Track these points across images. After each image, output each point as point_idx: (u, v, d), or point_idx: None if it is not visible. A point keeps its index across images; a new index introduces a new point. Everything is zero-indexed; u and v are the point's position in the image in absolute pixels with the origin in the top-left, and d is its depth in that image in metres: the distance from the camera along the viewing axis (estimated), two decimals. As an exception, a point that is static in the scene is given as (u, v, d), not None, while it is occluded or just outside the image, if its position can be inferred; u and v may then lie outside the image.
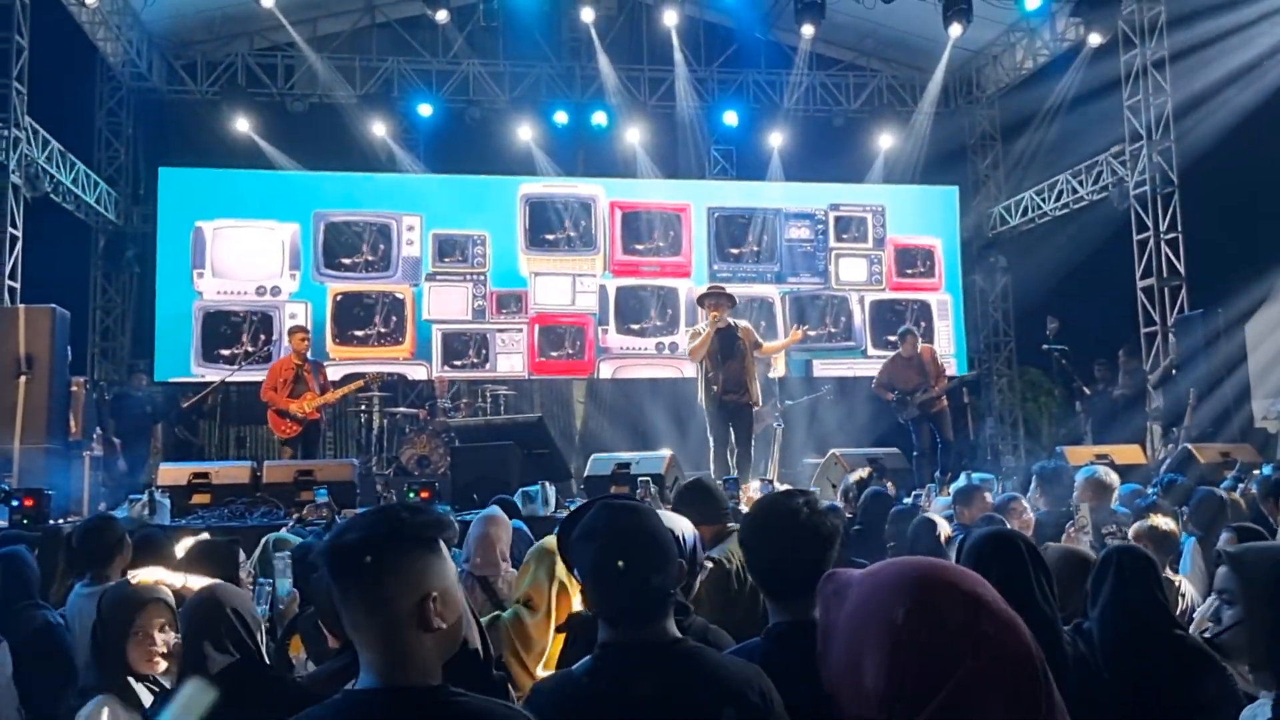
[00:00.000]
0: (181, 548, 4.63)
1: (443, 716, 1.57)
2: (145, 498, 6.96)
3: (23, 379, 8.39)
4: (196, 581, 3.16)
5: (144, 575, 3.30)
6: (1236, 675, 2.56)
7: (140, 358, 12.99)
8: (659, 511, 2.40)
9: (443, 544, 1.69)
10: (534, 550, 3.51)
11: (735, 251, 13.97)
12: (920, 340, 10.78)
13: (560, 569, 3.34)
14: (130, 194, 13.87)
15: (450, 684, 1.62)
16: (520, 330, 13.28)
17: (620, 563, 1.96)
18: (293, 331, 10.00)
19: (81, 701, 2.83)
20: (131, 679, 2.87)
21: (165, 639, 2.87)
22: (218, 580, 3.06)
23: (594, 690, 1.93)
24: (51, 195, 11.75)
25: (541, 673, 3.30)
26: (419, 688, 1.58)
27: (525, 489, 7.43)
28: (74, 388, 9.17)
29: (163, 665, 2.87)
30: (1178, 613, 3.78)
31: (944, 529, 4.60)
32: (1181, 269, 12.11)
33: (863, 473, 6.74)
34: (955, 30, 12.03)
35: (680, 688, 1.92)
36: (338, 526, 1.71)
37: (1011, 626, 1.20)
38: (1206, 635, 2.45)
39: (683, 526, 2.71)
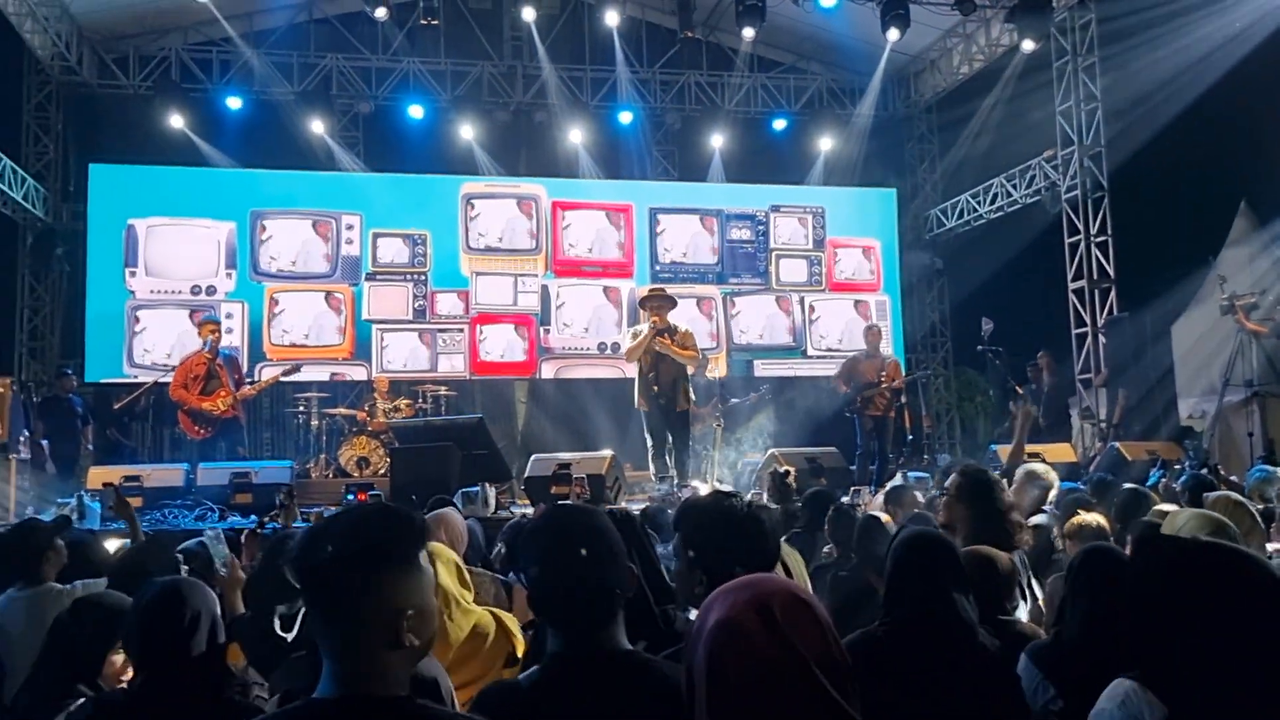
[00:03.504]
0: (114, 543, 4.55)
1: None
2: (74, 501, 6.81)
3: (-54, 380, 8.18)
4: None
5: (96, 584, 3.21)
6: None
7: (70, 358, 12.68)
8: None
9: (422, 556, 1.63)
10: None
11: (677, 251, 14.02)
12: (881, 339, 10.91)
13: (445, 577, 3.21)
14: (60, 190, 13.53)
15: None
16: (461, 330, 13.21)
17: (569, 559, 1.91)
18: (202, 324, 9.64)
19: (45, 706, 2.71)
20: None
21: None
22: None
23: (539, 703, 1.87)
24: (-24, 191, 11.44)
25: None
26: (383, 698, 1.54)
27: (465, 490, 7.40)
28: (0, 389, 8.93)
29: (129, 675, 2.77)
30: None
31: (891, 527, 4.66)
32: (1111, 271, 12.41)
33: (778, 467, 6.85)
34: (893, 35, 12.19)
35: (630, 703, 1.85)
36: (309, 535, 1.62)
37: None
38: None
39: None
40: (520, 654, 3.20)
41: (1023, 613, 3.40)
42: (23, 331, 13.22)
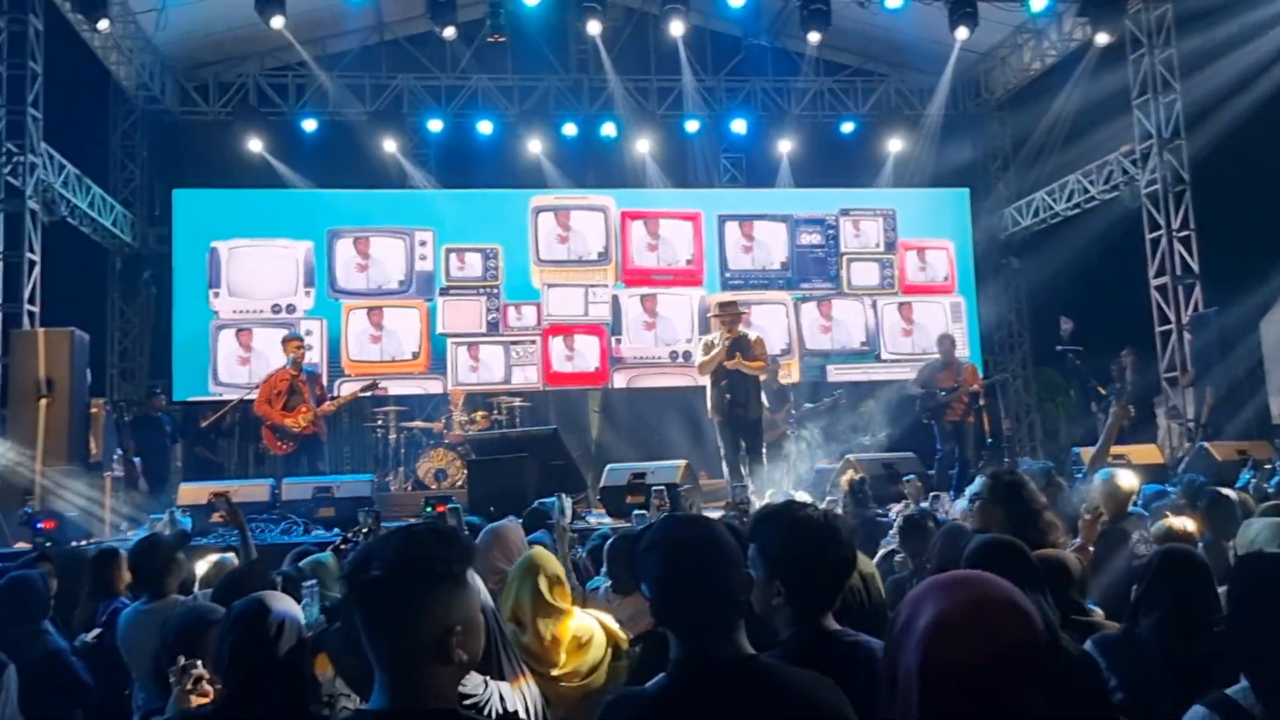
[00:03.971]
0: (204, 563, 4.69)
1: None
2: (166, 517, 7.02)
3: (43, 401, 8.51)
4: None
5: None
6: None
7: (158, 378, 13.08)
8: None
9: (469, 573, 1.68)
10: (515, 568, 3.53)
11: (746, 258, 13.99)
12: (955, 347, 10.80)
13: (544, 584, 3.38)
14: (145, 216, 14.00)
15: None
16: (534, 342, 13.34)
17: (690, 567, 1.94)
18: (286, 340, 9.86)
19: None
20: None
21: None
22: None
23: (667, 710, 1.89)
24: (68, 219, 11.87)
25: (564, 685, 3.35)
26: (431, 711, 1.60)
27: (542, 500, 7.45)
28: (94, 409, 9.26)
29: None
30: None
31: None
32: (1195, 266, 12.07)
33: (856, 475, 6.77)
34: (962, 33, 12.04)
35: (756, 707, 1.87)
36: (360, 554, 1.69)
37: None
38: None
39: None
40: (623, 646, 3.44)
41: None
42: (113, 354, 13.67)
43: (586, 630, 3.45)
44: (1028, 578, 2.62)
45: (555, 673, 3.33)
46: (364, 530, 5.38)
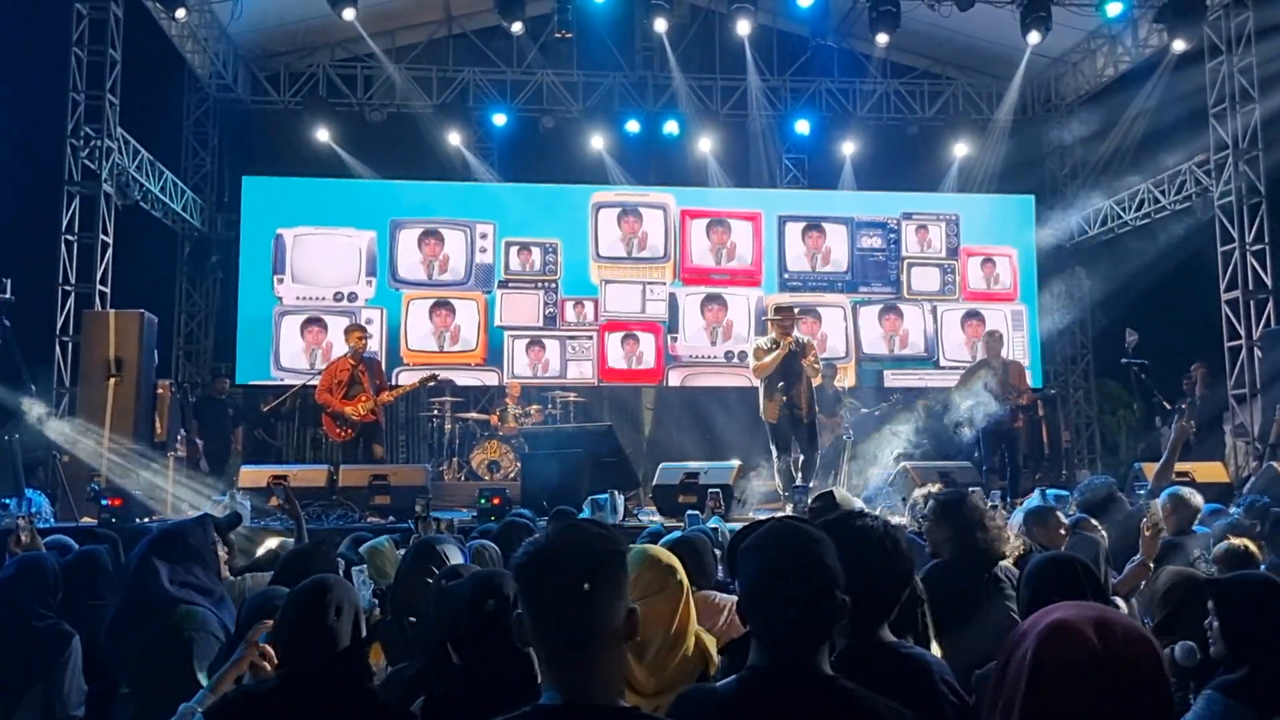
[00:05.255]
0: (263, 548, 4.78)
1: None
2: (227, 499, 7.16)
3: (112, 381, 8.71)
4: None
5: None
6: None
7: (222, 361, 13.35)
8: None
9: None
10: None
11: (806, 260, 13.91)
12: (1004, 347, 10.62)
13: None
14: (215, 201, 14.29)
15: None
16: (590, 337, 13.38)
17: (788, 580, 1.91)
18: (349, 330, 9.96)
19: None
20: None
21: None
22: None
23: (734, 713, 1.87)
24: (140, 203, 12.16)
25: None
26: (610, 708, 1.64)
27: (594, 497, 7.49)
28: (160, 390, 9.45)
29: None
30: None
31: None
32: (1268, 281, 11.76)
33: (932, 487, 6.66)
34: (1034, 38, 11.84)
35: None
36: (531, 546, 1.73)
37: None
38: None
39: None
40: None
41: None
42: (179, 336, 13.97)
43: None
44: (1094, 593, 2.58)
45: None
46: (417, 517, 5.43)
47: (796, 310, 9.26)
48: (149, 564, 3.47)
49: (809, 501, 7.77)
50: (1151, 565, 4.38)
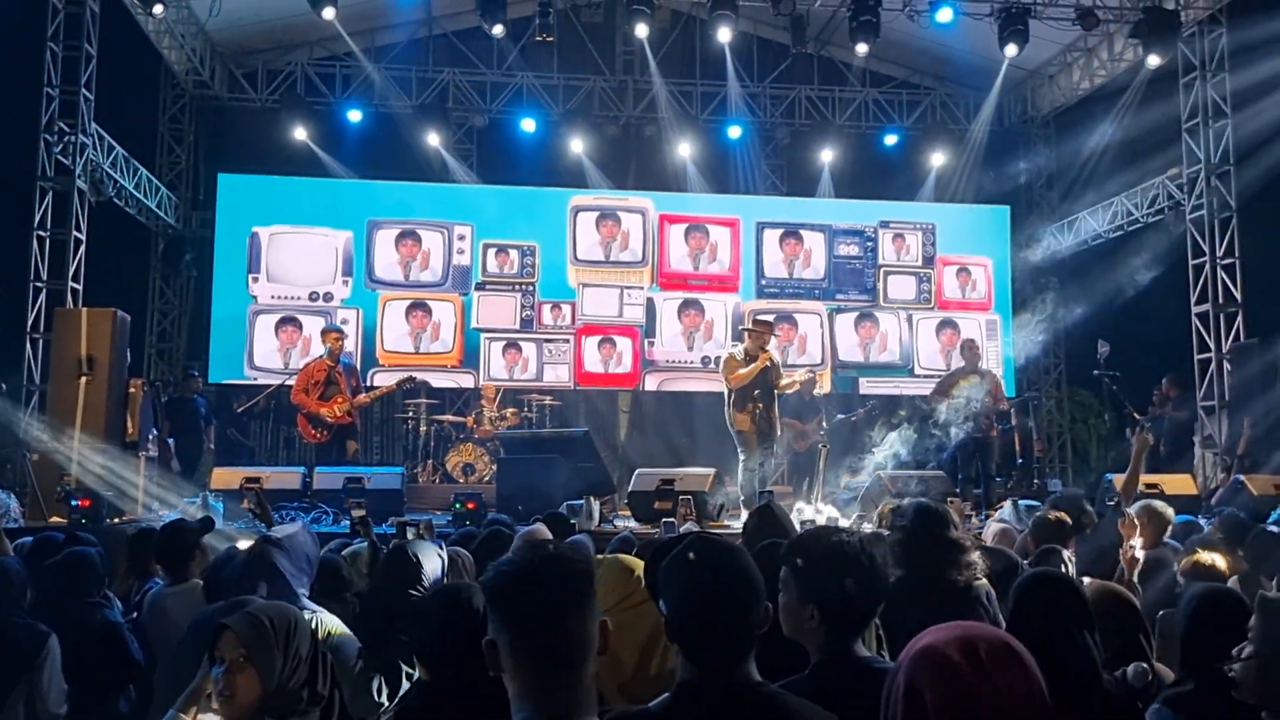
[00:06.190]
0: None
1: None
2: (199, 501, 7.10)
3: (83, 379, 8.60)
4: None
5: None
6: None
7: (195, 359, 13.23)
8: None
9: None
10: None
11: (783, 266, 13.95)
12: (980, 356, 10.71)
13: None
14: (190, 199, 14.17)
15: None
16: (567, 340, 13.37)
17: (711, 595, 1.94)
18: (325, 332, 9.99)
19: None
20: None
21: None
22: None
23: None
24: (114, 199, 12.04)
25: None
26: None
27: (570, 502, 7.49)
28: (132, 389, 9.34)
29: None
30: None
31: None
32: (1238, 295, 11.92)
33: (900, 501, 6.70)
34: (1011, 50, 11.94)
35: None
36: (501, 567, 1.74)
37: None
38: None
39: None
40: None
41: None
42: (152, 334, 13.84)
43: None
44: (1076, 614, 2.59)
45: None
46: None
47: (775, 328, 9.31)
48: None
49: (744, 518, 7.83)
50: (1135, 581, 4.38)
